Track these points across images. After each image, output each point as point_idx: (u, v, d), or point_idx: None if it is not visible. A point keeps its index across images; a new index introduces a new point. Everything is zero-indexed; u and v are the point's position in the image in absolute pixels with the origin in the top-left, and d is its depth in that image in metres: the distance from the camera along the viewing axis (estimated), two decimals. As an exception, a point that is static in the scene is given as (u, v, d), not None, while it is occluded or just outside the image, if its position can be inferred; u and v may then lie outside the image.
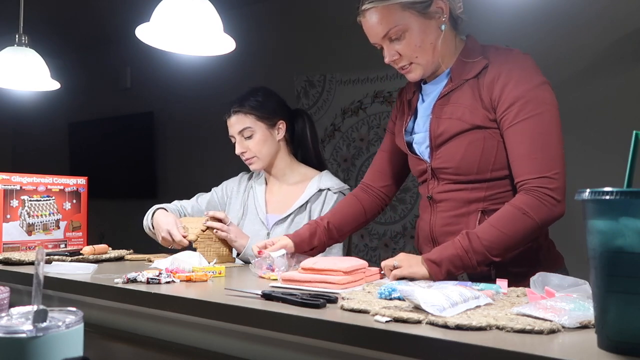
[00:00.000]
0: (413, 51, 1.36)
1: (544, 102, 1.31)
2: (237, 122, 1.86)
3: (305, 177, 1.89)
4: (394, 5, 1.33)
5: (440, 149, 1.39)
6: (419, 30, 1.35)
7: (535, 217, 1.22)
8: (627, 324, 0.68)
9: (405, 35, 1.35)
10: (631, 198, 0.67)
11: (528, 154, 1.28)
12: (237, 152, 1.88)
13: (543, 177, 1.24)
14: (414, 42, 1.35)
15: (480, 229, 1.26)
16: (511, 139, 1.30)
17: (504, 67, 1.34)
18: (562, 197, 1.25)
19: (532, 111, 1.29)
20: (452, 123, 1.36)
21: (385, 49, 1.39)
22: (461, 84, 1.37)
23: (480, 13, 3.11)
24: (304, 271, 1.24)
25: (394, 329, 0.82)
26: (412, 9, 1.33)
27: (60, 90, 2.32)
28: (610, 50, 2.78)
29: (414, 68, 1.40)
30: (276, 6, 4.08)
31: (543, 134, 1.29)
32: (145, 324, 1.26)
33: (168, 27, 1.57)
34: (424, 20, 1.35)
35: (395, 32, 1.34)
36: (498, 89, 1.32)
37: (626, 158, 0.70)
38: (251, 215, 1.90)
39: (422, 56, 1.37)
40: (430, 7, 1.34)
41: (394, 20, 1.33)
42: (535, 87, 1.31)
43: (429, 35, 1.36)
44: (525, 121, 1.29)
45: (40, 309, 0.70)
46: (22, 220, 1.87)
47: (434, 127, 1.39)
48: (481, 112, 1.34)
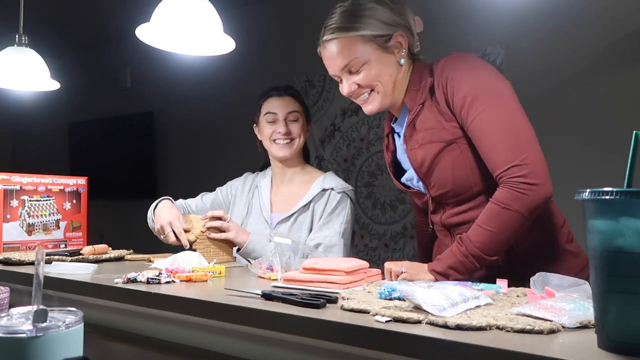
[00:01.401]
0: (371, 83, 1.39)
1: (492, 92, 1.30)
2: (290, 102, 1.89)
3: (311, 177, 1.91)
4: (355, 38, 1.35)
5: (430, 178, 1.40)
6: (378, 63, 1.37)
7: (516, 208, 1.21)
8: (627, 324, 0.68)
9: (365, 67, 1.37)
10: (631, 198, 0.67)
11: (493, 147, 1.27)
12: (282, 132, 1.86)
13: (512, 166, 1.23)
14: (372, 75, 1.38)
15: (470, 231, 1.27)
16: (475, 139, 1.30)
17: (446, 75, 1.34)
18: (538, 179, 1.21)
19: (481, 105, 1.27)
20: (426, 148, 1.37)
21: (344, 81, 1.41)
22: (419, 109, 1.39)
23: (480, 13, 3.12)
24: (305, 271, 1.25)
25: (394, 329, 0.82)
26: (372, 42, 1.36)
27: (60, 90, 2.32)
28: (610, 50, 2.78)
29: (371, 99, 1.42)
30: (276, 6, 4.08)
31: (500, 123, 1.27)
32: (145, 324, 1.26)
33: (168, 27, 1.57)
34: (383, 54, 1.37)
35: (355, 64, 1.37)
36: (449, 96, 1.33)
37: (626, 158, 0.70)
38: (255, 214, 1.91)
39: (380, 88, 1.40)
40: (390, 41, 1.37)
41: (354, 53, 1.36)
42: (476, 81, 1.31)
43: (387, 68, 1.38)
44: (479, 117, 1.28)
45: (40, 309, 0.70)
46: (22, 220, 1.87)
47: (413, 158, 1.40)
48: (447, 127, 1.34)
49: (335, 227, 1.78)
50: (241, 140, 3.86)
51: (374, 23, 1.35)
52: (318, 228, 1.78)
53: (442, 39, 3.34)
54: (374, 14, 1.36)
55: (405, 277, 1.27)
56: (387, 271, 1.33)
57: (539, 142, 1.29)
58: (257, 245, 1.72)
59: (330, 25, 1.39)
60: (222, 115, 4.32)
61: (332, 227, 1.78)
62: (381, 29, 1.36)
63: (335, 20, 1.38)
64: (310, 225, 1.81)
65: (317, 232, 1.77)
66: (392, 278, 1.31)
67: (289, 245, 1.43)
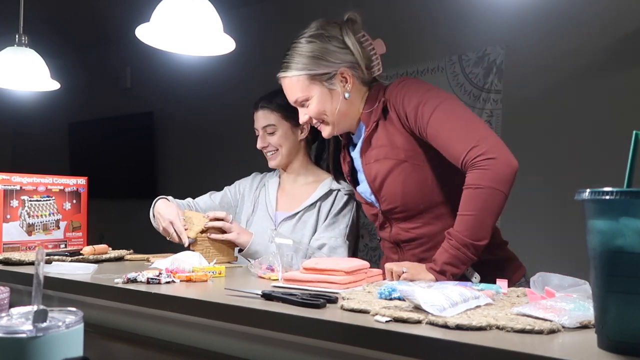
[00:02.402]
0: (319, 115, 1.50)
1: (438, 97, 1.38)
2: (262, 117, 1.89)
3: (319, 178, 1.91)
4: (300, 77, 1.47)
5: (381, 192, 1.47)
6: (323, 98, 1.48)
7: (486, 184, 1.24)
8: (627, 324, 0.68)
9: (310, 103, 1.49)
10: (631, 198, 0.67)
11: (450, 140, 1.32)
12: (259, 147, 1.90)
13: (470, 149, 1.27)
14: (318, 109, 1.49)
15: (456, 223, 1.30)
16: (433, 140, 1.36)
17: (397, 93, 1.44)
18: (496, 153, 1.25)
19: (431, 108, 1.36)
20: (380, 164, 1.45)
21: (299, 111, 1.54)
22: (374, 126, 1.47)
23: (480, 13, 3.12)
24: (306, 271, 1.25)
25: (394, 329, 0.82)
26: (316, 80, 1.47)
27: (60, 90, 2.32)
28: (610, 50, 2.78)
29: (323, 128, 1.54)
30: (276, 6, 4.08)
31: (451, 118, 1.34)
32: (145, 324, 1.26)
33: (168, 27, 1.57)
34: (328, 90, 1.48)
35: (301, 99, 1.50)
36: (401, 109, 1.41)
37: (626, 158, 0.70)
38: (260, 212, 1.91)
39: (329, 119, 1.50)
40: (334, 78, 1.47)
41: (299, 90, 1.49)
42: (425, 92, 1.40)
43: (333, 102, 1.48)
44: (432, 118, 1.35)
45: (40, 309, 0.70)
46: (22, 221, 1.87)
47: (367, 172, 1.49)
48: (399, 146, 1.42)
49: (341, 228, 1.78)
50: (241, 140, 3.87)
51: (319, 62, 1.46)
52: (323, 228, 1.78)
53: (442, 39, 3.35)
54: (317, 52, 1.46)
55: (406, 278, 1.28)
56: (387, 272, 1.34)
57: (540, 142, 1.30)
58: (260, 247, 1.71)
59: (282, 62, 1.51)
60: (222, 115, 4.32)
61: (337, 228, 1.78)
62: (325, 68, 1.46)
63: (285, 59, 1.50)
64: (315, 224, 1.81)
65: (322, 233, 1.77)
66: (394, 279, 1.31)
67: (290, 246, 1.43)
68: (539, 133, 2.95)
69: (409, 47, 3.43)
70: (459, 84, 3.30)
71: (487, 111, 3.19)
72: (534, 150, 2.86)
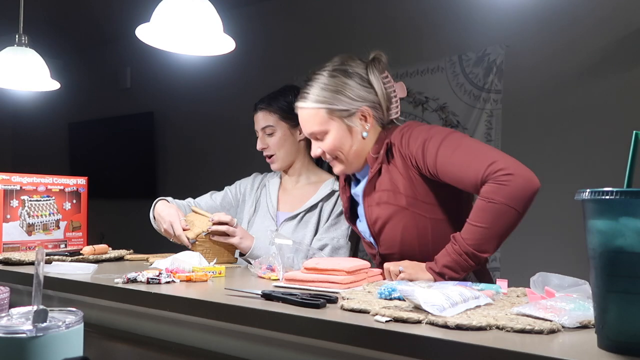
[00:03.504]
0: (334, 151, 1.47)
1: (443, 131, 1.38)
2: (262, 118, 1.88)
3: (320, 178, 1.90)
4: (320, 110, 1.43)
5: (380, 237, 1.46)
6: (341, 135, 1.44)
7: (500, 199, 1.22)
8: (627, 324, 0.68)
9: (327, 137, 1.45)
10: (631, 198, 0.67)
11: (462, 167, 1.29)
12: (258, 148, 1.90)
13: (488, 166, 1.24)
14: (332, 145, 1.45)
15: (463, 230, 1.28)
16: (443, 172, 1.33)
17: (402, 136, 1.42)
18: (516, 170, 1.22)
19: (438, 142, 1.34)
20: (382, 208, 1.44)
21: (312, 143, 1.51)
22: (379, 169, 1.45)
23: (480, 13, 3.12)
24: (307, 271, 1.25)
25: (394, 329, 0.82)
26: (336, 116, 1.43)
27: (60, 90, 2.32)
28: (610, 50, 2.79)
29: (336, 163, 1.51)
30: (276, 6, 4.08)
31: (460, 145, 1.32)
32: (145, 324, 1.26)
33: (168, 27, 1.57)
34: (346, 127, 1.44)
35: (318, 133, 1.46)
36: (405, 150, 1.39)
37: (626, 158, 0.70)
38: (262, 212, 1.91)
39: (342, 157, 1.47)
40: (353, 116, 1.44)
41: (317, 123, 1.45)
42: (428, 129, 1.40)
43: (349, 140, 1.46)
44: (441, 149, 1.32)
45: (40, 309, 0.70)
46: (22, 220, 1.87)
47: (369, 214, 1.48)
48: (402, 192, 1.40)
49: (343, 229, 1.77)
50: (241, 140, 3.87)
51: (340, 98, 1.42)
52: (325, 229, 1.78)
53: (442, 39, 3.35)
54: (342, 89, 1.42)
55: (404, 277, 1.28)
56: (385, 271, 1.35)
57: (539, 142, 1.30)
58: (261, 251, 1.71)
59: (302, 92, 1.47)
60: (222, 115, 4.32)
61: (339, 228, 1.77)
62: (346, 104, 1.43)
63: (305, 89, 1.46)
64: (317, 224, 1.81)
65: (324, 233, 1.77)
66: (392, 278, 1.31)
67: (291, 246, 1.43)
68: (538, 133, 2.95)
69: (409, 47, 3.43)
70: (459, 84, 3.30)
71: (487, 111, 3.19)
72: (533, 150, 2.86)
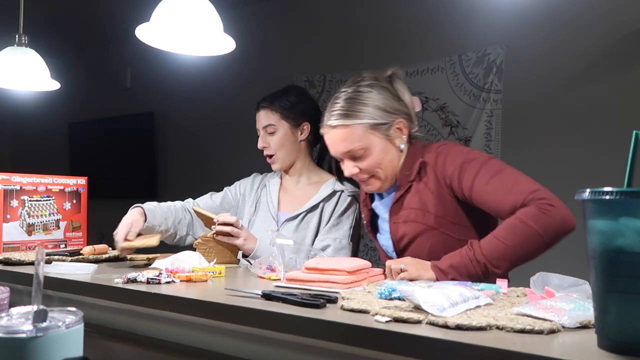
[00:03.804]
0: (372, 168, 1.45)
1: (481, 157, 1.38)
2: (263, 117, 1.88)
3: (321, 179, 1.90)
4: (357, 126, 1.41)
5: (404, 254, 1.45)
6: (380, 150, 1.43)
7: (535, 225, 1.21)
8: (627, 324, 0.68)
9: (367, 154, 1.43)
10: (631, 198, 0.67)
11: (499, 195, 1.29)
12: (259, 146, 1.90)
13: (531, 192, 1.25)
14: (374, 161, 1.44)
15: (484, 240, 1.27)
16: (480, 196, 1.33)
17: (437, 155, 1.42)
18: (558, 204, 1.22)
19: (477, 166, 1.34)
20: (409, 226, 1.43)
21: (346, 163, 1.47)
22: (408, 187, 1.45)
23: (480, 13, 3.12)
24: (308, 271, 1.25)
25: (394, 329, 0.82)
26: (374, 130, 1.42)
27: (60, 90, 2.32)
28: (610, 50, 2.79)
29: (372, 182, 1.48)
30: (276, 6, 4.08)
31: (502, 172, 1.32)
32: (145, 324, 1.26)
33: (168, 27, 1.57)
34: (384, 141, 1.44)
35: (357, 151, 1.43)
36: (441, 170, 1.40)
37: (626, 158, 0.70)
38: (262, 212, 1.91)
39: (382, 173, 1.46)
40: (391, 129, 1.44)
41: (357, 140, 1.42)
42: (467, 152, 1.40)
43: (388, 154, 1.45)
44: (480, 174, 1.33)
45: (40, 309, 0.70)
46: (22, 220, 1.87)
47: (394, 231, 1.47)
48: (432, 211, 1.40)
49: (345, 229, 1.77)
50: (241, 140, 3.87)
51: (376, 112, 1.42)
52: (327, 230, 1.78)
53: (442, 39, 3.35)
54: (376, 102, 1.42)
55: (404, 277, 1.28)
56: (387, 269, 1.34)
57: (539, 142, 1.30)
58: (264, 253, 1.70)
59: (334, 112, 1.44)
60: (222, 115, 4.32)
61: (341, 229, 1.77)
62: (383, 117, 1.42)
63: (339, 107, 1.43)
64: (318, 225, 1.80)
65: (326, 234, 1.77)
66: (393, 275, 1.31)
67: (292, 247, 1.43)
68: (538, 133, 2.95)
69: (409, 47, 3.43)
70: (459, 84, 3.30)
71: (487, 111, 3.18)
72: (533, 150, 2.86)
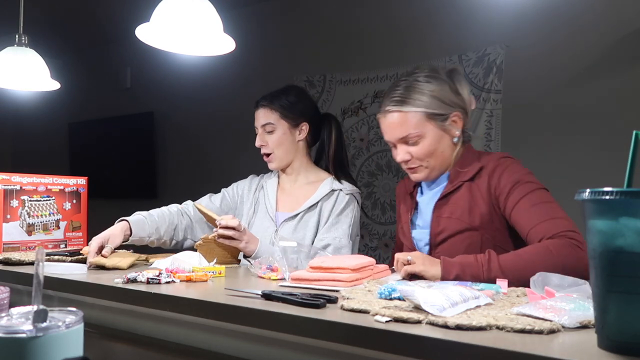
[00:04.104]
0: (425, 156, 1.48)
1: (536, 183, 1.41)
2: (262, 115, 1.89)
3: (319, 178, 1.90)
4: (416, 113, 1.46)
5: (437, 248, 1.45)
6: (434, 139, 1.47)
7: (558, 255, 1.22)
8: (627, 324, 0.68)
9: (421, 141, 1.47)
10: (631, 198, 0.67)
11: (543, 219, 1.32)
12: (257, 144, 1.90)
13: (568, 231, 1.28)
14: (427, 149, 1.47)
15: (503, 255, 1.29)
16: (521, 214, 1.36)
17: (497, 165, 1.45)
18: (585, 248, 1.23)
19: (530, 189, 1.39)
20: (452, 222, 1.44)
21: (399, 149, 1.51)
22: (459, 186, 1.48)
23: (480, 13, 3.12)
24: (312, 270, 1.26)
25: (394, 329, 0.82)
26: (431, 120, 1.46)
27: (60, 90, 2.32)
28: (610, 50, 2.78)
29: (420, 170, 1.51)
30: (276, 6, 4.08)
31: (548, 203, 1.36)
32: (145, 324, 1.26)
33: (168, 27, 1.57)
34: (439, 131, 1.48)
35: (412, 137, 1.47)
36: (496, 180, 1.43)
37: (626, 158, 0.70)
38: (261, 213, 1.91)
39: (432, 162, 1.49)
40: (447, 120, 1.48)
41: (414, 127, 1.46)
42: (525, 174, 1.43)
43: (441, 144, 1.49)
44: (528, 196, 1.37)
45: (40, 309, 0.70)
46: (22, 220, 1.87)
47: (435, 225, 1.48)
48: (478, 213, 1.42)
49: (344, 228, 1.77)
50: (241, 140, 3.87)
51: (435, 102, 1.46)
52: (326, 229, 1.78)
53: (442, 39, 3.35)
54: (436, 93, 1.46)
55: (409, 270, 1.28)
56: (395, 261, 1.34)
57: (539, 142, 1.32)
58: (265, 254, 1.70)
59: (394, 97, 1.47)
60: (222, 115, 4.32)
61: (340, 228, 1.77)
62: (441, 108, 1.46)
63: (398, 94, 1.47)
64: (317, 224, 1.80)
65: (325, 233, 1.77)
66: (398, 266, 1.32)
67: (294, 248, 1.44)
68: (538, 133, 2.95)
69: (409, 47, 3.43)
70: (459, 84, 3.30)
71: (487, 111, 3.18)
72: (533, 150, 2.86)
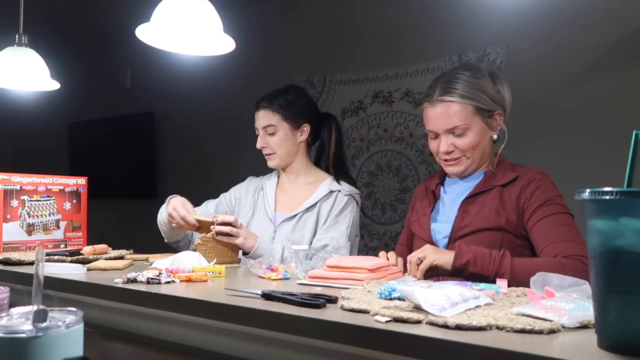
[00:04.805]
0: (469, 148, 1.51)
1: (564, 207, 1.45)
2: (263, 117, 1.88)
3: (318, 178, 1.90)
4: (469, 106, 1.49)
5: (456, 242, 1.45)
6: (479, 133, 1.51)
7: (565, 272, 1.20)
8: (627, 324, 0.68)
9: (467, 133, 1.50)
10: (631, 198, 0.67)
11: (562, 239, 1.36)
12: (258, 146, 1.90)
13: (581, 256, 1.31)
14: (472, 141, 1.50)
15: (517, 257, 1.32)
16: (543, 229, 1.39)
17: (533, 179, 1.48)
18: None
19: (557, 210, 1.42)
20: (477, 219, 1.47)
21: (442, 139, 1.52)
22: (490, 188, 1.50)
23: (481, 13, 3.12)
24: (330, 269, 1.29)
25: (394, 329, 0.82)
26: (479, 114, 1.50)
27: (60, 90, 2.32)
28: (611, 51, 2.78)
29: (462, 162, 1.53)
30: (276, 6, 4.08)
31: (570, 227, 1.40)
32: (145, 324, 1.26)
33: (168, 27, 1.57)
34: (484, 126, 1.52)
35: (461, 129, 1.49)
36: (529, 192, 1.46)
37: (626, 158, 0.70)
38: (259, 214, 1.91)
39: (471, 155, 1.52)
40: (492, 116, 1.52)
41: (464, 118, 1.49)
42: (558, 196, 1.47)
43: (484, 139, 1.53)
44: (554, 216, 1.41)
45: (40, 309, 0.70)
46: (22, 220, 1.87)
47: (459, 219, 1.50)
48: (504, 216, 1.45)
49: (342, 228, 1.78)
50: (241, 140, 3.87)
51: (484, 97, 1.50)
52: (325, 229, 1.78)
53: (442, 39, 3.35)
54: (487, 90, 1.51)
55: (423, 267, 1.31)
56: (408, 263, 1.36)
57: (539, 142, 1.33)
58: (264, 251, 1.70)
59: (447, 88, 1.49)
60: (222, 115, 4.32)
61: (338, 228, 1.77)
62: (489, 105, 1.51)
63: (452, 85, 1.49)
64: (315, 225, 1.80)
65: (323, 234, 1.77)
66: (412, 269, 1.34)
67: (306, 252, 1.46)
68: (538, 133, 2.95)
69: (409, 47, 3.43)
70: (459, 84, 3.30)
71: (487, 111, 3.19)
72: (533, 150, 2.86)
